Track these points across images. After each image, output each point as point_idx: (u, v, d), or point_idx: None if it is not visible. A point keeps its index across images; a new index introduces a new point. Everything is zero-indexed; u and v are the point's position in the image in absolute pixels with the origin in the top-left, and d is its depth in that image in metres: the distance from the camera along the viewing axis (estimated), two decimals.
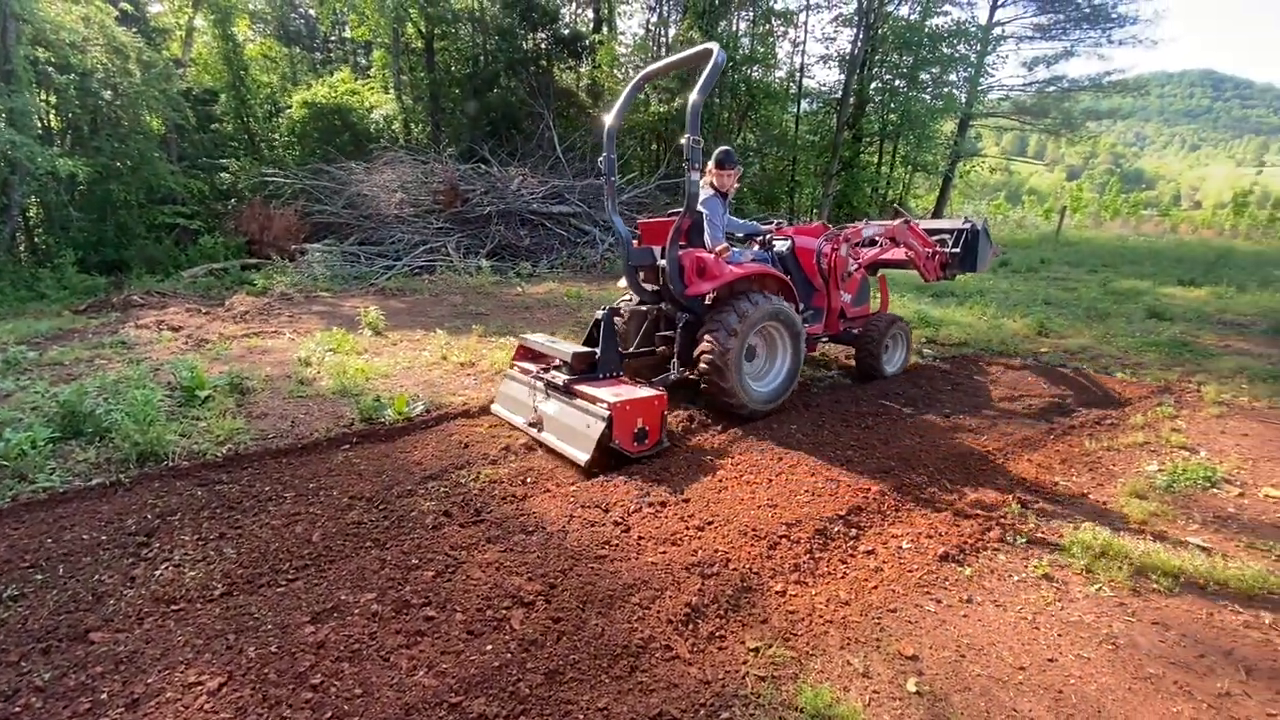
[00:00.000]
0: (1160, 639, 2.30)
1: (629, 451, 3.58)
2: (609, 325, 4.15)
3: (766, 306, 4.28)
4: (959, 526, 3.00)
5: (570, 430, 3.68)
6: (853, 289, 5.50)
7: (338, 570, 2.57)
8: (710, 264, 4.26)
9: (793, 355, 4.57)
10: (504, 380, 4.50)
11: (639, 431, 3.59)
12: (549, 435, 3.82)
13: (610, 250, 13.06)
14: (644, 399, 3.61)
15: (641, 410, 3.59)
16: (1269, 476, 3.63)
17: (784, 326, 4.48)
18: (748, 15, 19.70)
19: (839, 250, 5.23)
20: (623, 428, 3.51)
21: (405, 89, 19.16)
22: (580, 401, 3.72)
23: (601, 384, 3.88)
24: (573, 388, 3.80)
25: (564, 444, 3.67)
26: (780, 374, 4.59)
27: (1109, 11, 19.83)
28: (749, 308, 4.19)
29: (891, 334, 5.47)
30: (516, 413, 4.18)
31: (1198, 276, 11.43)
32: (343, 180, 13.60)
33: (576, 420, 3.67)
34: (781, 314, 4.39)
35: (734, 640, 2.24)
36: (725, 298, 4.31)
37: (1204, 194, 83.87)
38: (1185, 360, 6.10)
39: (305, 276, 10.10)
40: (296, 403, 4.61)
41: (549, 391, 3.97)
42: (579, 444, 3.57)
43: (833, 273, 5.23)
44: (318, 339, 6.24)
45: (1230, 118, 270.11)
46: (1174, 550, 2.80)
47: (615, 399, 3.52)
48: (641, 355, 4.61)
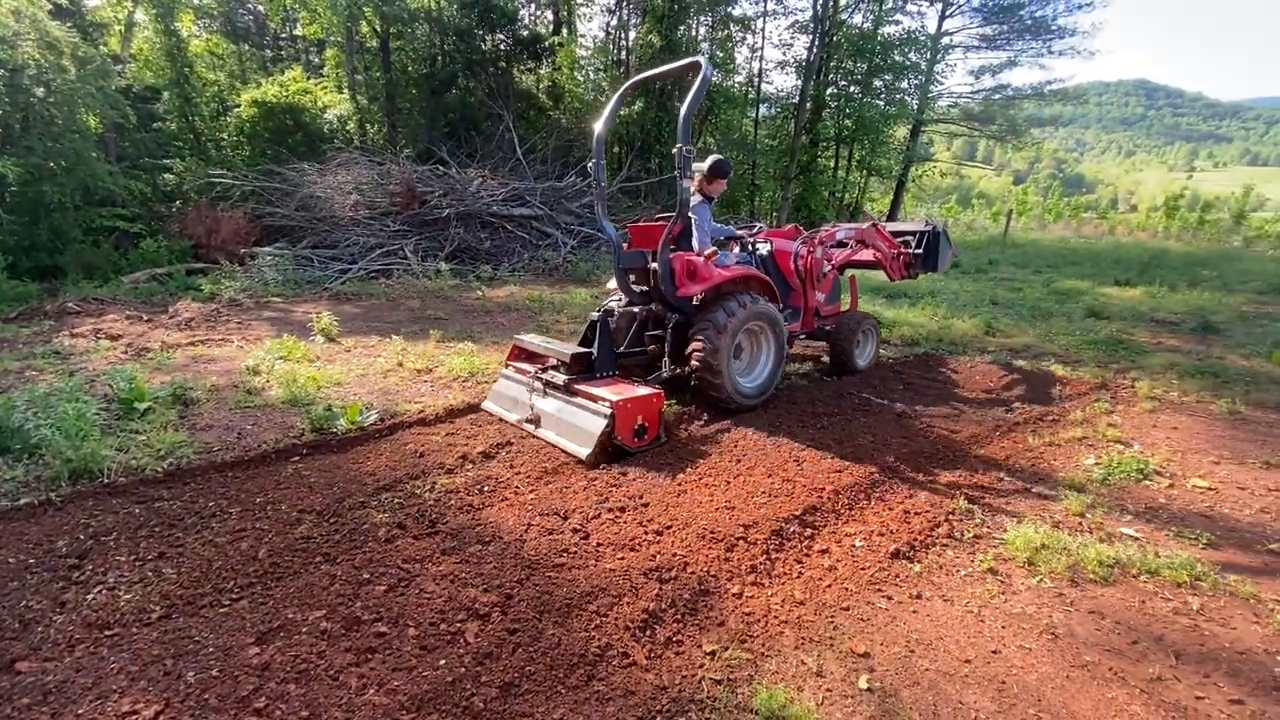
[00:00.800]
0: (1096, 627, 2.40)
1: (629, 447, 3.77)
2: (605, 326, 4.39)
3: (752, 307, 4.51)
4: (909, 524, 3.09)
5: (571, 427, 3.86)
6: (826, 289, 5.75)
7: (285, 587, 2.49)
8: (700, 267, 4.46)
9: (776, 352, 4.84)
10: (498, 379, 4.64)
11: (639, 428, 3.81)
12: (548, 431, 3.99)
13: (572, 253, 13.02)
14: (643, 397, 3.84)
15: (641, 408, 3.81)
16: (1196, 468, 3.84)
17: (768, 325, 4.74)
18: (707, 20, 19.91)
19: (815, 252, 5.48)
20: (624, 425, 3.72)
21: (360, 89, 18.73)
22: (580, 400, 3.93)
23: (600, 383, 4.07)
24: (573, 387, 4.00)
25: (564, 440, 3.85)
26: (765, 370, 4.84)
27: (1049, 24, 20.71)
28: (736, 308, 4.41)
29: (863, 330, 5.81)
30: (511, 410, 4.32)
31: (1133, 277, 12.02)
32: (295, 182, 13.20)
33: (577, 417, 3.86)
34: (766, 314, 4.64)
35: (691, 644, 2.25)
36: (713, 299, 4.51)
37: (1139, 198, 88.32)
38: (1121, 357, 6.40)
39: (255, 281, 9.76)
40: (244, 413, 4.45)
41: (547, 390, 4.14)
42: (580, 440, 3.75)
43: (809, 274, 5.46)
44: (267, 346, 6.04)
45: (1162, 125, 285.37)
46: (1109, 541, 2.94)
47: (617, 398, 3.72)
48: (632, 355, 4.74)
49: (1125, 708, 2.02)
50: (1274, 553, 2.91)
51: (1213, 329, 7.73)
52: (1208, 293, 10.42)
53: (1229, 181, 78.18)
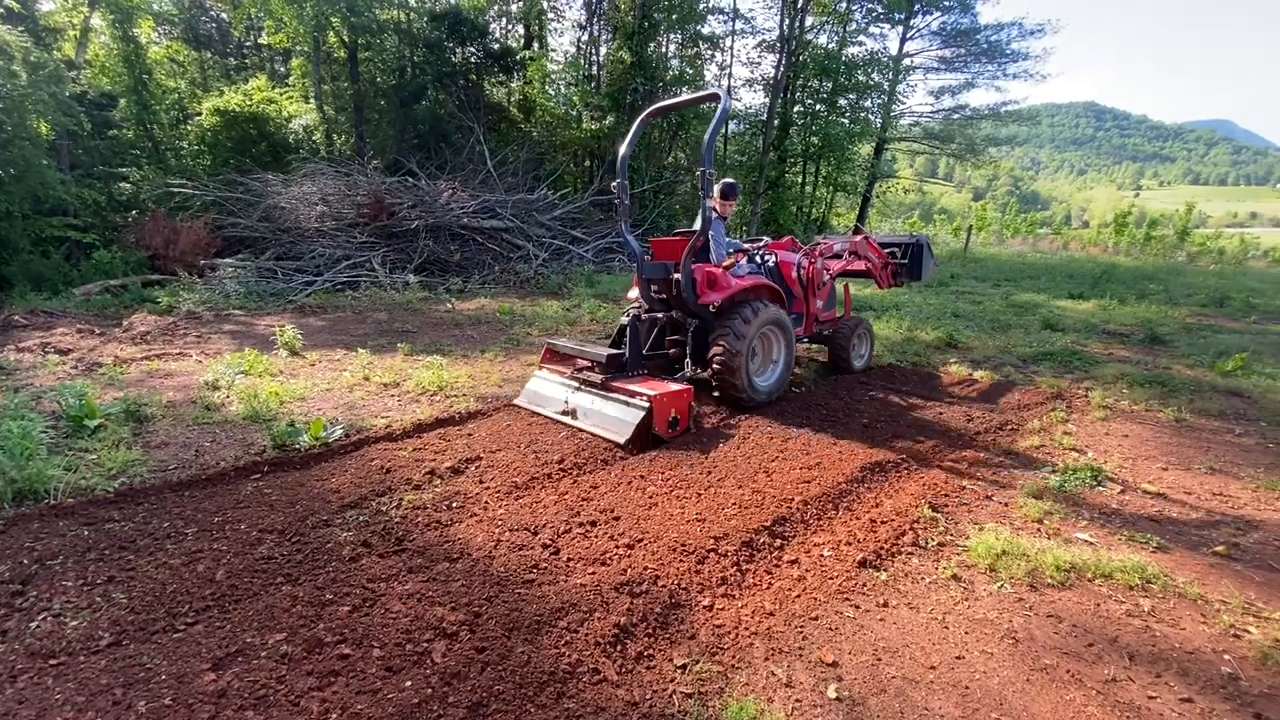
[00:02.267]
0: (1055, 631, 2.47)
1: (663, 436, 4.25)
2: (635, 330, 4.83)
3: (766, 314, 4.98)
4: (876, 533, 3.14)
5: (609, 418, 4.33)
6: (824, 296, 6.21)
7: (244, 610, 2.41)
8: (719, 278, 4.92)
9: (786, 354, 5.35)
10: (532, 379, 5.10)
11: (673, 420, 4.30)
12: (585, 423, 4.43)
13: (544, 265, 13.00)
14: (676, 392, 4.33)
15: (674, 402, 4.31)
16: (1146, 474, 3.99)
17: (779, 330, 5.22)
18: (676, 38, 20.23)
19: (815, 263, 5.99)
20: (660, 416, 4.21)
21: (327, 99, 18.48)
22: (618, 395, 4.40)
23: (634, 380, 4.57)
24: (609, 384, 4.49)
25: (602, 430, 4.30)
26: (777, 370, 5.33)
27: (1004, 48, 21.62)
28: (752, 315, 4.88)
29: (858, 334, 6.33)
30: (545, 406, 4.76)
31: (1086, 290, 12.51)
32: (258, 192, 12.93)
33: (615, 410, 4.34)
34: (778, 320, 5.14)
35: (662, 658, 2.25)
36: (730, 307, 4.97)
37: (1091, 214, 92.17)
38: (1075, 368, 6.64)
39: (216, 294, 9.50)
40: (202, 430, 4.31)
41: (581, 386, 4.62)
42: (619, 430, 4.20)
43: (810, 283, 5.96)
44: (228, 360, 5.87)
45: (1111, 145, 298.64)
46: (1065, 546, 3.03)
47: (654, 393, 4.21)
48: (654, 357, 5.13)
49: (1082, 709, 2.08)
50: (1219, 555, 3.04)
51: (1160, 340, 8.08)
52: (1155, 306, 10.90)
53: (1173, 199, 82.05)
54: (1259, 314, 10.63)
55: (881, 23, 21.52)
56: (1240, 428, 4.88)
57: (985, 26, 21.76)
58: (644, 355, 4.97)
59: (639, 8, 17.04)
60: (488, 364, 6.24)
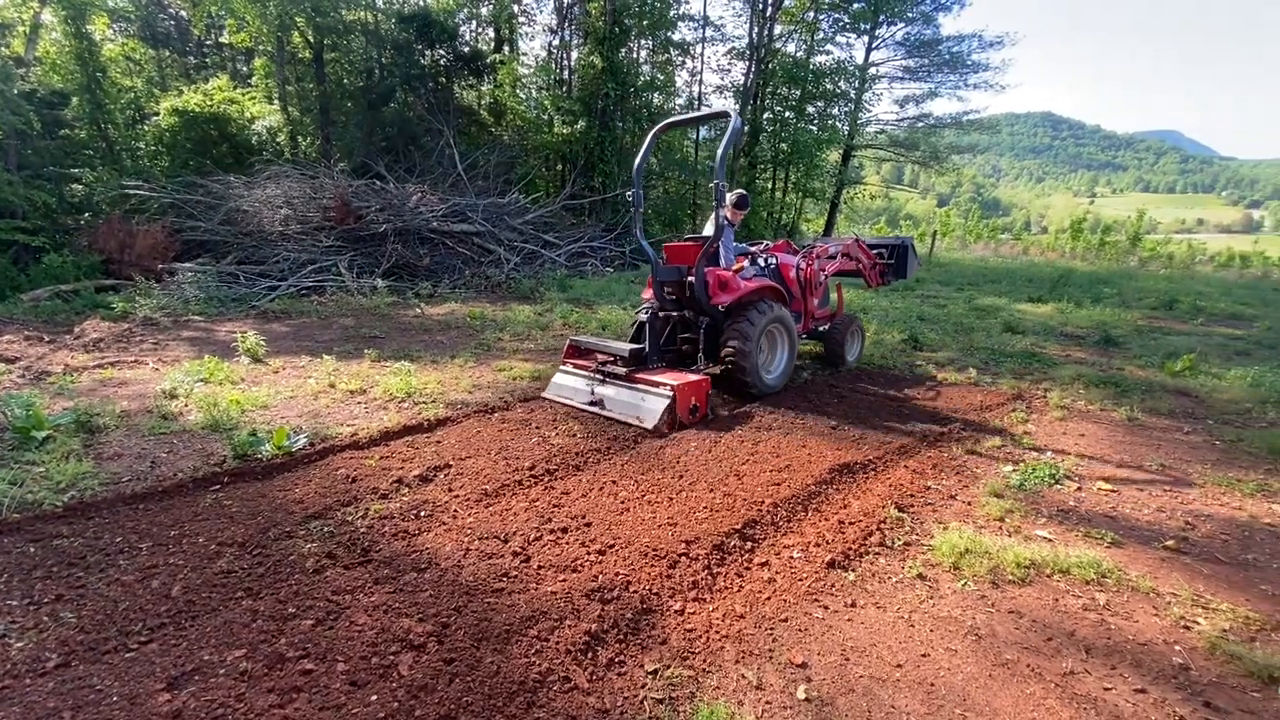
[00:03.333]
0: (1015, 627, 2.54)
1: (685, 421, 4.68)
2: (653, 326, 5.34)
3: (772, 313, 5.45)
4: (844, 534, 3.19)
5: (635, 406, 4.75)
6: (820, 295, 6.67)
7: (201, 627, 2.34)
8: (730, 280, 5.36)
9: (789, 348, 5.84)
10: (557, 373, 5.49)
11: (693, 406, 4.74)
12: (613, 411, 4.83)
13: (515, 270, 12.91)
14: (696, 382, 4.80)
15: (695, 390, 4.76)
16: (1101, 471, 4.13)
17: (784, 327, 5.71)
18: (647, 44, 20.34)
19: (813, 265, 6.44)
20: (683, 404, 4.65)
21: (292, 100, 18.11)
22: (643, 385, 4.83)
23: (656, 372, 5.03)
24: (633, 375, 4.92)
25: (629, 416, 4.72)
26: (782, 363, 5.81)
27: (965, 59, 22.24)
28: (759, 315, 5.33)
29: (851, 330, 6.79)
30: (573, 398, 5.15)
31: (1044, 294, 12.91)
32: (220, 195, 12.59)
33: (640, 399, 4.75)
34: (782, 318, 5.61)
35: (633, 665, 2.24)
36: (739, 307, 5.39)
37: (1049, 220, 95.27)
38: (1034, 369, 6.85)
39: (175, 299, 9.20)
40: (158, 440, 4.17)
41: (606, 379, 5.03)
42: (647, 416, 4.62)
43: (808, 283, 6.41)
44: (186, 368, 5.69)
45: (1067, 154, 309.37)
46: (1025, 544, 3.12)
47: (677, 382, 4.65)
48: (668, 352, 5.58)
49: (1042, 702, 2.14)
50: (1169, 549, 3.15)
51: (1114, 342, 8.38)
52: (1109, 309, 11.30)
53: (1125, 206, 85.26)
54: (1205, 316, 11.10)
55: (848, 32, 21.99)
56: (1189, 426, 5.09)
57: (947, 38, 22.37)
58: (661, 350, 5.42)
59: (610, 13, 17.09)
60: (457, 370, 6.17)
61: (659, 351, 5.39)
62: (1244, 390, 5.99)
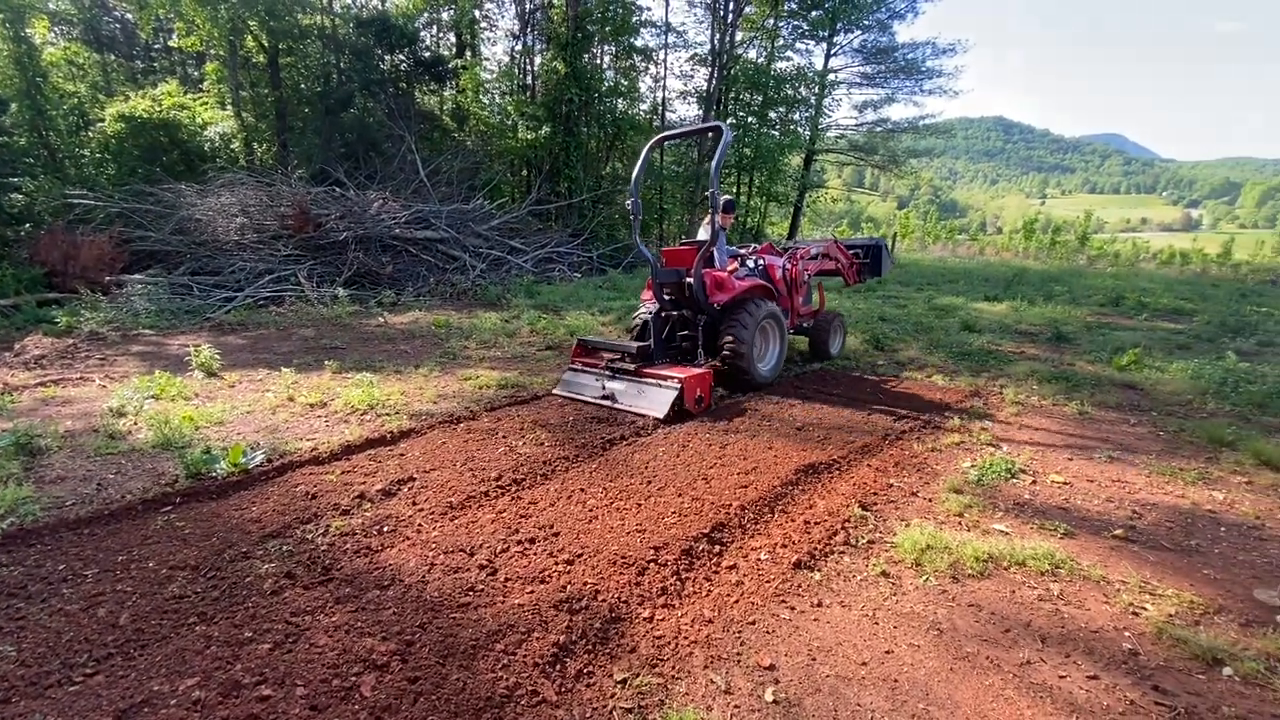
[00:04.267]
0: (975, 619, 2.61)
1: (692, 410, 5.09)
2: (657, 325, 5.78)
3: (765, 310, 5.91)
4: (810, 534, 3.23)
5: (645, 397, 5.16)
6: (803, 293, 7.13)
7: (151, 655, 2.24)
8: (726, 281, 5.79)
9: (780, 342, 6.28)
10: (566, 372, 5.83)
11: (698, 397, 5.15)
12: (624, 404, 5.23)
13: (481, 276, 12.78)
14: (701, 374, 5.27)
15: (699, 382, 5.20)
16: (1054, 465, 4.28)
17: (775, 323, 6.17)
18: (610, 50, 20.39)
19: (797, 265, 6.93)
20: (690, 394, 5.07)
21: (246, 105, 17.61)
22: (651, 378, 5.26)
23: (662, 366, 5.47)
24: (641, 370, 5.36)
25: (640, 407, 5.12)
26: (774, 356, 6.24)
27: (920, 65, 22.88)
28: (754, 311, 5.78)
29: (834, 325, 7.26)
30: (584, 393, 5.51)
31: (1000, 293, 13.33)
32: (170, 203, 12.15)
33: (649, 391, 5.17)
34: (774, 314, 6.07)
35: (602, 675, 2.23)
36: (734, 305, 5.81)
37: (1003, 221, 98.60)
38: (991, 367, 7.06)
39: (123, 312, 8.84)
40: (105, 461, 4.00)
41: (615, 374, 5.44)
42: (656, 406, 5.02)
43: (793, 282, 6.87)
44: (136, 384, 5.47)
45: (1018, 157, 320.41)
46: (983, 538, 3.21)
47: (684, 375, 5.10)
48: (668, 349, 5.95)
49: (1000, 692, 2.20)
50: (1118, 538, 3.28)
51: (1065, 339, 8.69)
52: (1060, 306, 11.73)
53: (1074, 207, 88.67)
54: (1149, 312, 11.61)
55: (807, 39, 22.40)
56: (1135, 418, 5.31)
57: (902, 45, 22.99)
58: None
59: (572, 19, 17.08)
60: (422, 379, 6.07)
61: (663, 348, 5.78)
62: (1185, 382, 6.28)
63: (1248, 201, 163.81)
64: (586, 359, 5.88)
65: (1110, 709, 2.12)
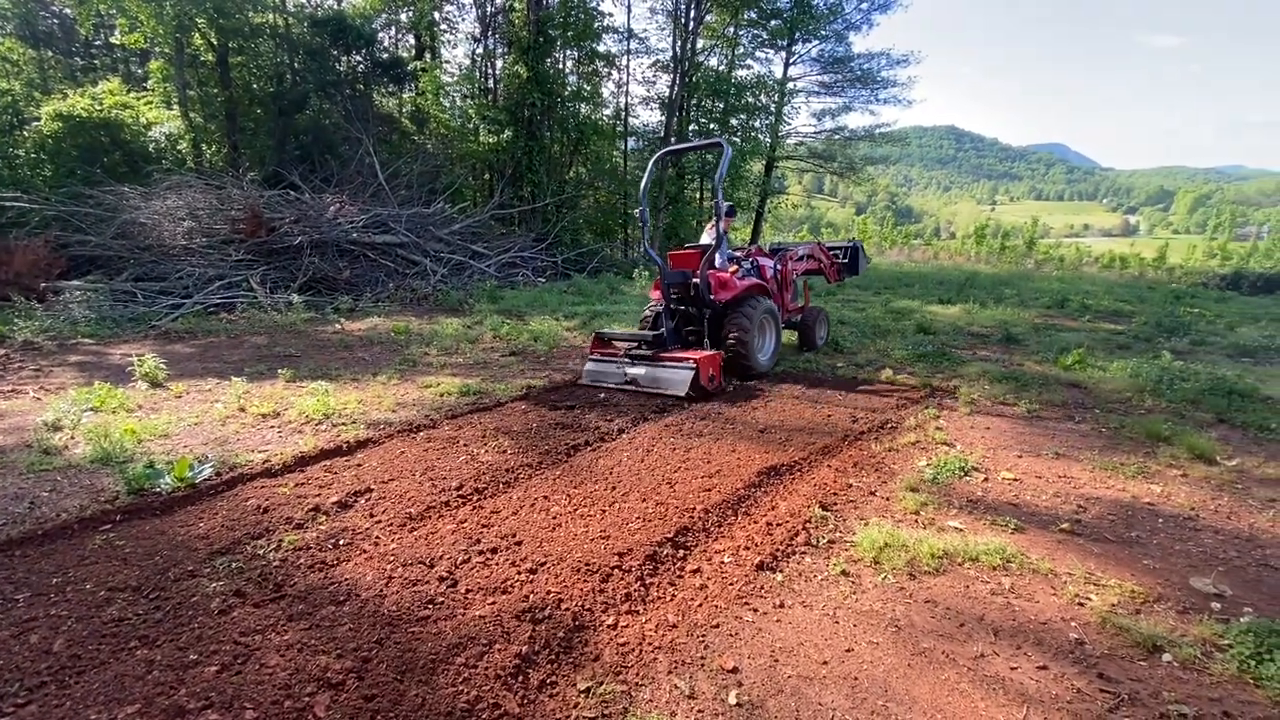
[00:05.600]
0: (931, 615, 2.67)
1: (706, 388, 5.81)
2: (668, 316, 6.49)
3: (763, 306, 6.73)
4: (772, 535, 3.27)
5: (666, 380, 5.89)
6: (791, 291, 7.98)
7: (88, 683, 2.13)
8: (729, 280, 6.60)
9: (775, 335, 7.05)
10: (588, 363, 6.49)
11: (711, 376, 5.87)
12: (647, 387, 5.94)
13: (443, 281, 12.61)
14: (711, 356, 5.98)
15: (711, 363, 5.93)
16: (1004, 462, 4.42)
17: (771, 318, 6.93)
18: (573, 54, 20.38)
19: (787, 265, 7.76)
20: (704, 373, 5.79)
21: (194, 105, 16.99)
22: (669, 362, 5.96)
23: (677, 351, 6.17)
24: (658, 356, 6.09)
25: (661, 388, 5.86)
26: (771, 347, 6.99)
27: (875, 75, 23.53)
28: (754, 307, 6.58)
29: (819, 319, 8.13)
30: (607, 380, 6.20)
31: (953, 296, 13.76)
32: (112, 206, 11.65)
33: (669, 374, 5.89)
34: (770, 310, 6.87)
35: (565, 684, 2.21)
36: (736, 302, 6.58)
37: (956, 226, 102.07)
38: (945, 368, 7.27)
39: (60, 320, 8.42)
40: (38, 478, 3.78)
41: (635, 361, 6.12)
42: (677, 386, 5.76)
43: (783, 281, 7.66)
44: (73, 396, 5.20)
45: (970, 165, 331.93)
46: (939, 535, 3.29)
47: (698, 357, 5.81)
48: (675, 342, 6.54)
49: (956, 686, 2.25)
50: (1065, 531, 3.41)
51: (1014, 340, 9.02)
52: (1010, 308, 12.17)
53: (1022, 213, 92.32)
54: (1092, 313, 12.14)
55: (767, 48, 22.83)
56: (1079, 416, 5.53)
57: (858, 55, 23.59)
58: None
59: (533, 23, 17.02)
60: (380, 387, 5.93)
61: (675, 337, 6.52)
62: (1125, 381, 6.58)
63: (1180, 208, 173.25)
64: (604, 349, 6.55)
65: (1059, 698, 2.20)
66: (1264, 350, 8.60)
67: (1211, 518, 3.62)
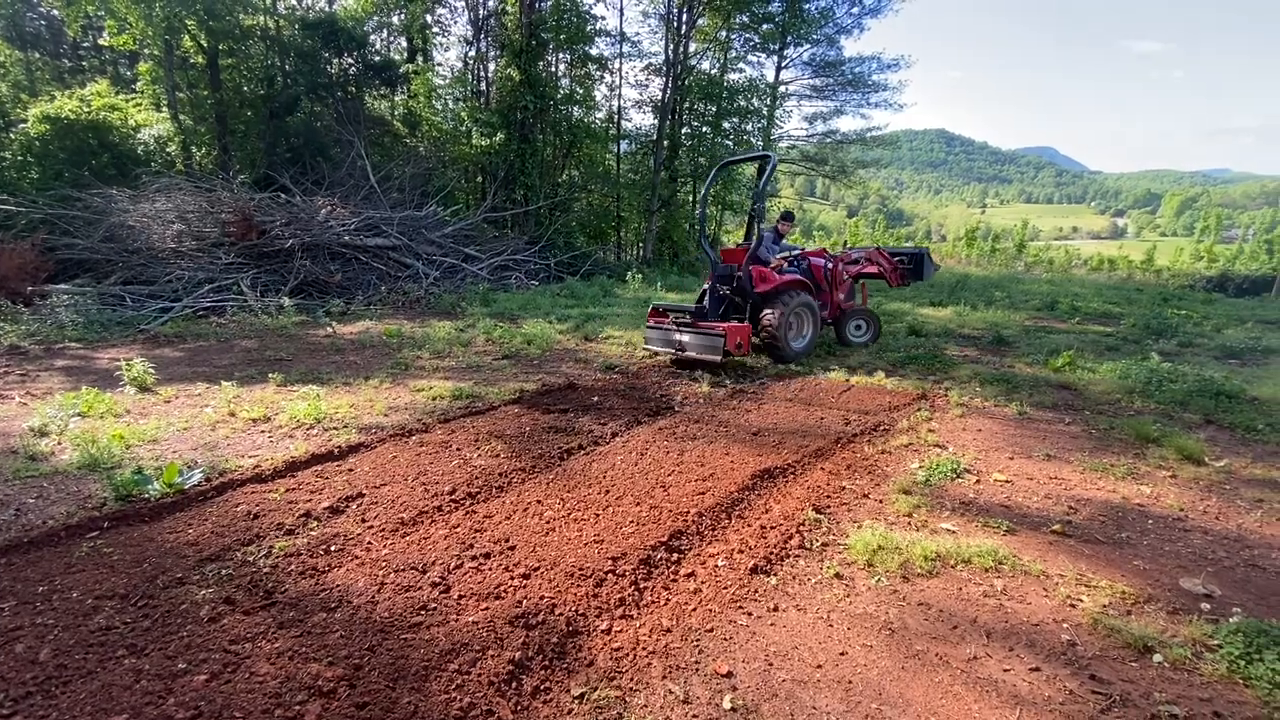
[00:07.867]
0: (925, 617, 2.68)
1: (733, 354, 6.93)
2: (713, 295, 7.68)
3: (799, 299, 7.56)
4: (766, 538, 3.27)
5: (705, 345, 6.86)
6: (845, 290, 8.80)
7: (74, 694, 2.10)
8: (769, 274, 7.64)
9: (813, 326, 7.88)
10: (645, 331, 7.62)
11: (738, 344, 6.93)
12: (690, 351, 6.97)
13: (435, 284, 12.58)
14: (739, 326, 7.07)
15: (739, 332, 6.97)
16: (996, 464, 4.45)
17: (808, 311, 7.78)
18: (565, 58, 20.38)
19: (837, 266, 8.57)
20: (731, 341, 6.80)
21: (184, 107, 16.88)
22: (705, 330, 6.96)
23: (713, 323, 7.23)
24: (697, 324, 7.16)
25: (702, 354, 6.88)
26: (807, 337, 7.84)
27: (866, 79, 23.63)
28: (789, 299, 7.45)
29: (855, 318, 8.81)
30: (662, 345, 7.29)
31: (944, 298, 13.84)
32: (100, 209, 11.54)
33: (707, 340, 6.86)
34: (807, 303, 7.71)
35: (559, 691, 2.20)
36: (774, 293, 7.51)
37: (947, 229, 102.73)
38: (936, 370, 7.31)
39: (47, 324, 8.32)
40: (24, 485, 3.74)
41: (681, 329, 7.12)
42: (713, 351, 6.78)
43: (834, 279, 8.47)
44: (60, 401, 5.14)
45: (960, 168, 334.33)
46: (932, 537, 3.30)
47: (726, 327, 6.90)
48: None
49: (949, 689, 2.26)
50: (1056, 533, 3.43)
51: (1004, 342, 9.08)
52: (1000, 311, 12.26)
53: (1012, 216, 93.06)
54: (1081, 315, 12.24)
55: (759, 52, 22.85)
56: (1069, 417, 5.57)
57: (849, 59, 23.68)
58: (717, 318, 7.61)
59: (526, 26, 17.01)
60: (372, 391, 5.90)
61: (716, 311, 7.65)
62: (1114, 382, 6.64)
63: (1168, 211, 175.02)
64: (659, 318, 7.56)
65: (1051, 700, 2.21)
66: (1250, 352, 8.70)
67: (1200, 518, 3.65)
